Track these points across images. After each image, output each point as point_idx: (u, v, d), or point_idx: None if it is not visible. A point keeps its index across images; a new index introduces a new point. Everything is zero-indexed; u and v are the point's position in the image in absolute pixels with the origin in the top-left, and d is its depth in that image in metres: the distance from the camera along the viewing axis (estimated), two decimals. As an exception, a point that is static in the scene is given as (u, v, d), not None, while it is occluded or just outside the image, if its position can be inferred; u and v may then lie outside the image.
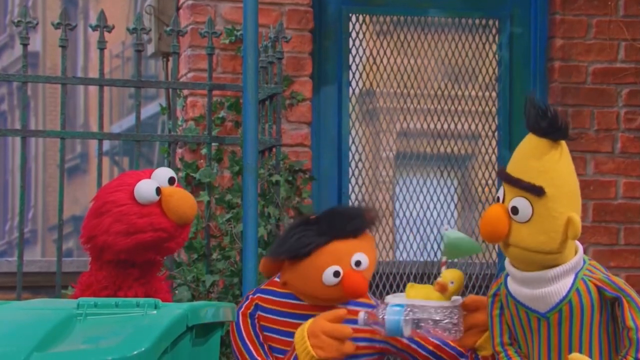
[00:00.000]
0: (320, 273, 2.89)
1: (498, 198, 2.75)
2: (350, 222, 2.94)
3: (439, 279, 2.81)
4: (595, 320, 2.75)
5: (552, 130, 2.71)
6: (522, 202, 2.70)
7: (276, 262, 2.96)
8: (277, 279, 3.06)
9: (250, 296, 3.04)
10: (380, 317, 2.78)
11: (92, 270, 3.08)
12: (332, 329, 2.81)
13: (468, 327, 2.85)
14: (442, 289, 2.79)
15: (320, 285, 2.91)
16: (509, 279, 2.80)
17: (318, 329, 2.82)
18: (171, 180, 3.04)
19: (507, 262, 2.82)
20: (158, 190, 3.00)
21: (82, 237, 3.07)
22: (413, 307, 2.77)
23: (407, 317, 2.75)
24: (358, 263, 2.92)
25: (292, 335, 2.91)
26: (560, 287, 2.74)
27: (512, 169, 2.74)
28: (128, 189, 3.01)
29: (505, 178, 2.73)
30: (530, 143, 2.74)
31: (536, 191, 2.69)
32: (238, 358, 2.99)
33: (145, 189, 2.99)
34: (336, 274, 2.90)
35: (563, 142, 2.75)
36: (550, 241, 2.70)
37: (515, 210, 2.70)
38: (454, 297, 2.83)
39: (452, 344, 2.94)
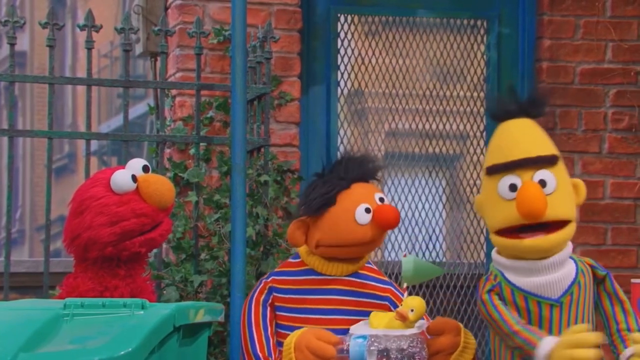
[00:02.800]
0: (352, 213, 2.96)
1: (514, 184, 2.71)
2: (365, 166, 3.05)
3: (398, 308, 2.84)
4: (591, 299, 2.80)
5: (534, 107, 2.76)
6: (546, 174, 2.72)
7: (304, 223, 2.99)
8: (291, 260, 3.09)
9: (264, 280, 3.06)
10: (345, 348, 2.79)
11: (76, 272, 3.08)
12: (316, 346, 2.82)
13: (434, 352, 2.87)
14: (403, 318, 2.82)
15: (354, 226, 2.96)
16: (509, 274, 2.79)
17: (304, 343, 2.83)
18: (145, 168, 3.06)
19: (504, 259, 2.80)
20: (134, 178, 3.03)
21: (65, 240, 3.06)
22: (376, 337, 2.80)
23: (371, 348, 2.77)
24: (382, 199, 3.02)
25: (310, 312, 2.94)
26: (569, 270, 2.76)
27: (515, 152, 2.73)
28: (103, 183, 3.03)
29: (523, 163, 2.71)
30: (516, 125, 2.76)
31: (555, 159, 2.73)
32: (241, 343, 3.00)
33: (121, 178, 3.02)
34: (367, 210, 2.97)
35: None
36: (572, 205, 2.77)
37: (544, 183, 2.71)
38: (419, 322, 2.85)
39: None
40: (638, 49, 4.69)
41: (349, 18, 4.63)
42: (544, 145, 2.75)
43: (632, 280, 3.79)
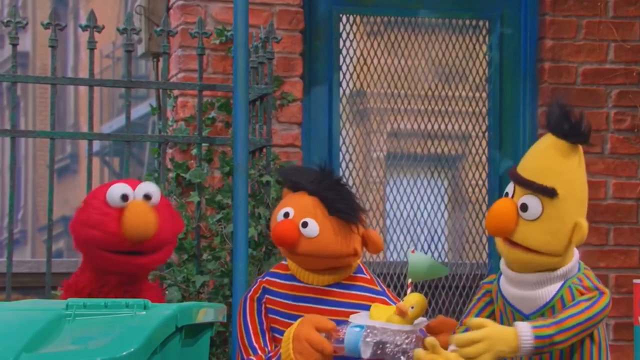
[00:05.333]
0: (276, 214, 2.98)
1: (507, 193, 2.74)
2: (306, 178, 2.96)
3: (399, 304, 2.82)
4: None
5: (573, 132, 2.71)
6: (532, 200, 2.70)
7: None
8: (283, 262, 3.09)
9: (259, 279, 3.07)
10: (341, 338, 2.78)
11: (77, 273, 3.09)
12: (315, 339, 2.81)
13: None
14: (402, 314, 2.80)
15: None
16: (502, 277, 2.82)
17: (303, 335, 2.83)
18: (147, 197, 3.03)
19: (502, 261, 2.83)
20: (125, 198, 3.00)
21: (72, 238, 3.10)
22: (373, 328, 2.78)
23: (366, 339, 2.76)
24: (286, 214, 2.94)
25: (293, 317, 2.93)
26: (546, 292, 2.75)
27: (525, 168, 2.73)
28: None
29: (516, 179, 2.72)
30: (547, 143, 2.74)
31: (549, 192, 2.69)
32: (238, 339, 3.00)
33: (114, 192, 3.01)
34: (285, 214, 2.95)
35: (580, 149, 2.75)
36: (554, 242, 2.71)
37: (524, 207, 2.70)
38: (419, 319, 2.84)
39: None
40: (640, 49, 4.69)
41: (351, 18, 4.63)
42: (551, 175, 2.70)
43: (634, 281, 3.78)
